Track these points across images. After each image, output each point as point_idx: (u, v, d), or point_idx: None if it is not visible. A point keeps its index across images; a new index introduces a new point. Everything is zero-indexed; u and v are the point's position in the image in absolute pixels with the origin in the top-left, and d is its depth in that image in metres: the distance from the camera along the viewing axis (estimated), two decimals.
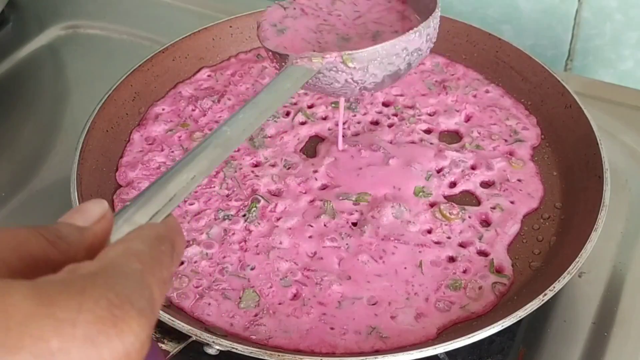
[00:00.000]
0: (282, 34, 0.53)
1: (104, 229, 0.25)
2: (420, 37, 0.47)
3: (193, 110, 0.65)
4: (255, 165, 0.59)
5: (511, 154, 0.60)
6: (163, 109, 0.65)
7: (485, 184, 0.57)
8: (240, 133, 0.36)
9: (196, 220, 0.54)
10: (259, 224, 0.54)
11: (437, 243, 0.52)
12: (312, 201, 0.55)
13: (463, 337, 0.43)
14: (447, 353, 0.44)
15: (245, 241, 0.53)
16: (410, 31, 0.46)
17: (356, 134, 0.61)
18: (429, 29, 0.48)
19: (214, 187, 0.57)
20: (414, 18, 0.52)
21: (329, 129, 0.63)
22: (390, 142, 0.60)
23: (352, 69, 0.46)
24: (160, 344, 0.45)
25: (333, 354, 0.46)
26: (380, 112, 0.64)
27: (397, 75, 0.48)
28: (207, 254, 0.52)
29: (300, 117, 0.63)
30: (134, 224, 0.27)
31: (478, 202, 0.56)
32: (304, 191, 0.56)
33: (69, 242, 0.24)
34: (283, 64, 0.48)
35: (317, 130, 0.63)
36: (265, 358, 0.43)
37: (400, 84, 0.66)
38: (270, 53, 0.50)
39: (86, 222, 0.25)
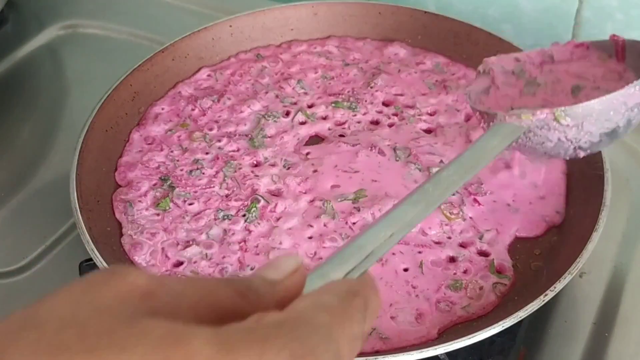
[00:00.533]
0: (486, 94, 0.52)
1: (297, 284, 0.24)
2: None
3: (193, 110, 0.65)
4: (255, 165, 0.59)
5: None
6: (162, 109, 0.65)
7: None
8: (442, 191, 0.36)
9: (196, 220, 0.54)
10: (259, 224, 0.53)
11: (438, 243, 0.52)
12: (312, 201, 0.55)
13: (464, 338, 0.43)
14: (448, 353, 0.44)
15: (245, 241, 0.52)
16: (630, 85, 0.43)
17: (356, 133, 0.61)
18: None
19: (214, 187, 0.57)
20: (632, 78, 0.49)
21: (329, 129, 0.62)
22: (391, 142, 0.60)
23: (565, 126, 0.44)
24: None
25: None
26: (380, 112, 0.64)
27: (616, 134, 0.45)
28: (206, 254, 0.52)
29: (300, 117, 0.63)
30: (329, 279, 0.26)
31: (478, 202, 0.56)
32: (304, 191, 0.56)
33: (259, 294, 0.23)
34: (491, 123, 0.46)
35: (317, 130, 0.63)
36: None
37: (400, 83, 0.66)
38: (478, 114, 0.49)
39: (278, 275, 0.24)
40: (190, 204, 0.56)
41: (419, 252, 0.51)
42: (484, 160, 0.41)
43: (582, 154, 0.47)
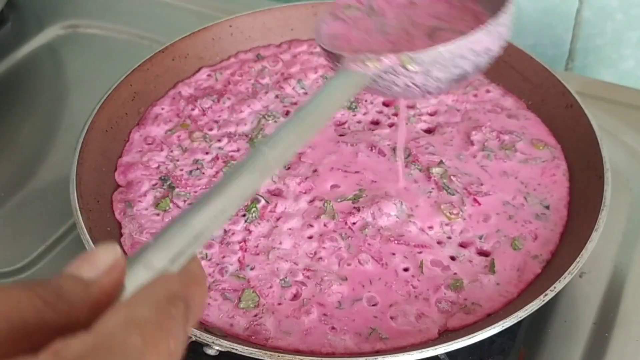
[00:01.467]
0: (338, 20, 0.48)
1: (114, 282, 0.22)
2: (489, 36, 0.41)
3: (193, 110, 0.65)
4: None
5: None
6: (162, 109, 0.65)
7: None
8: (280, 154, 0.31)
9: None
10: (259, 224, 0.53)
11: (438, 243, 0.52)
12: (312, 201, 0.55)
13: (464, 338, 0.43)
14: (448, 354, 0.44)
15: (245, 241, 0.52)
16: (477, 29, 0.41)
17: (356, 133, 0.61)
18: (500, 26, 0.42)
19: None
20: (485, 16, 0.46)
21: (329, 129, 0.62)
22: (391, 142, 0.60)
23: (412, 72, 0.41)
24: None
25: (333, 355, 0.45)
26: (380, 112, 0.64)
27: (465, 79, 0.43)
28: (206, 254, 0.52)
29: None
30: (152, 268, 0.23)
31: (478, 202, 0.56)
32: (303, 191, 0.56)
33: (70, 301, 0.21)
34: (337, 63, 0.42)
35: None
36: (265, 359, 0.43)
37: None
38: (324, 52, 0.45)
39: (94, 273, 0.22)
40: (190, 204, 0.55)
41: (419, 252, 0.51)
42: (326, 116, 0.37)
43: (431, 98, 0.45)
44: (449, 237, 0.53)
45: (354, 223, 0.53)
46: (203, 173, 0.58)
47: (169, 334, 0.21)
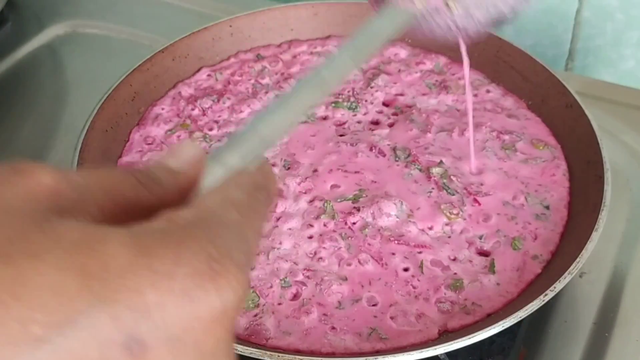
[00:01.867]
0: None
1: (197, 172, 0.25)
2: None
3: (193, 110, 0.65)
4: None
5: None
6: (163, 109, 0.65)
7: None
8: (336, 74, 0.34)
9: None
10: None
11: (438, 243, 0.52)
12: (312, 201, 0.55)
13: (464, 338, 0.43)
14: (448, 354, 0.44)
15: None
16: None
17: (356, 133, 0.61)
18: None
19: None
20: None
21: (329, 129, 0.62)
22: (391, 142, 0.60)
23: (454, 13, 0.43)
24: None
25: (333, 355, 0.45)
26: (380, 112, 0.64)
27: (502, 21, 0.45)
28: None
29: None
30: (227, 166, 0.26)
31: (478, 202, 0.56)
32: (303, 191, 0.56)
33: (162, 185, 0.23)
34: (382, 4, 0.44)
35: (318, 130, 0.63)
36: (265, 359, 0.43)
37: (401, 83, 0.66)
38: None
39: (179, 164, 0.24)
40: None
41: (419, 252, 0.51)
42: (375, 43, 0.38)
43: (468, 41, 0.47)
44: (449, 237, 0.53)
45: (354, 223, 0.53)
46: None
47: (258, 214, 0.23)
